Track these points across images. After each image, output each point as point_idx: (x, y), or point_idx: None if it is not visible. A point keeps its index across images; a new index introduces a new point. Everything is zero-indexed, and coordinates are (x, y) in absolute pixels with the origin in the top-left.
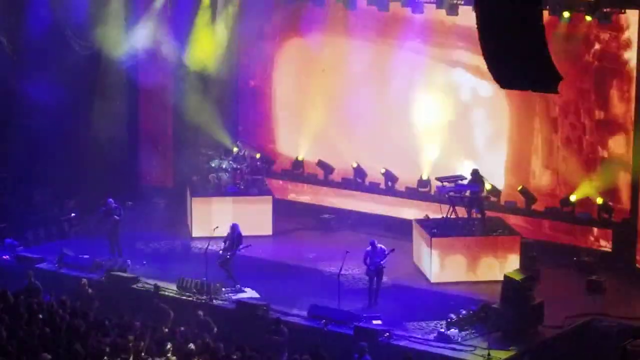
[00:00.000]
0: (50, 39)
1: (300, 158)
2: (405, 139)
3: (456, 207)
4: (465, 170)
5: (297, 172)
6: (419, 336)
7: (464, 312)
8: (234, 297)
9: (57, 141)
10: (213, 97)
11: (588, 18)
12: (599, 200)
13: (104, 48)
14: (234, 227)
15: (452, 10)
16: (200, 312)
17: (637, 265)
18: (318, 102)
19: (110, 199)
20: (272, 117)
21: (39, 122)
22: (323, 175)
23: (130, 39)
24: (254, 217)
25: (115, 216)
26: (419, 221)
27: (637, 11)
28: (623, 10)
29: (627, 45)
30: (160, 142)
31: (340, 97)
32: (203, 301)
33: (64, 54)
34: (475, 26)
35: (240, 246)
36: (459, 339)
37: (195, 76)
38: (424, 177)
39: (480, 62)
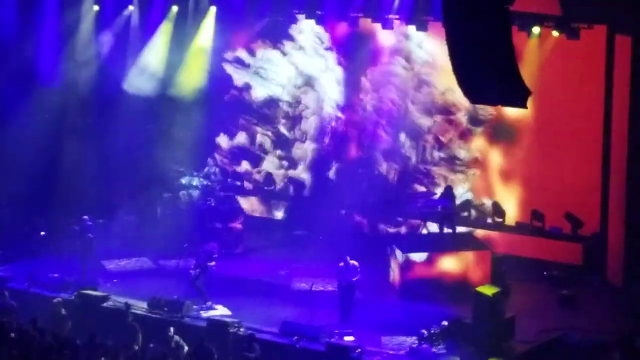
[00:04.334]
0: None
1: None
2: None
3: (427, 223)
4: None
5: (268, 187)
6: (391, 352)
7: (435, 327)
8: (205, 315)
9: (28, 159)
10: (185, 113)
11: (555, 34)
12: (569, 215)
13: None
14: (206, 245)
15: (422, 26)
16: (172, 330)
17: (607, 278)
18: None
19: (86, 217)
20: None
21: (10, 141)
22: (294, 191)
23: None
24: (225, 235)
25: (90, 234)
26: (391, 236)
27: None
28: (591, 26)
29: None
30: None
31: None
32: (175, 319)
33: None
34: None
35: (209, 263)
36: (431, 354)
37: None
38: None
39: None
